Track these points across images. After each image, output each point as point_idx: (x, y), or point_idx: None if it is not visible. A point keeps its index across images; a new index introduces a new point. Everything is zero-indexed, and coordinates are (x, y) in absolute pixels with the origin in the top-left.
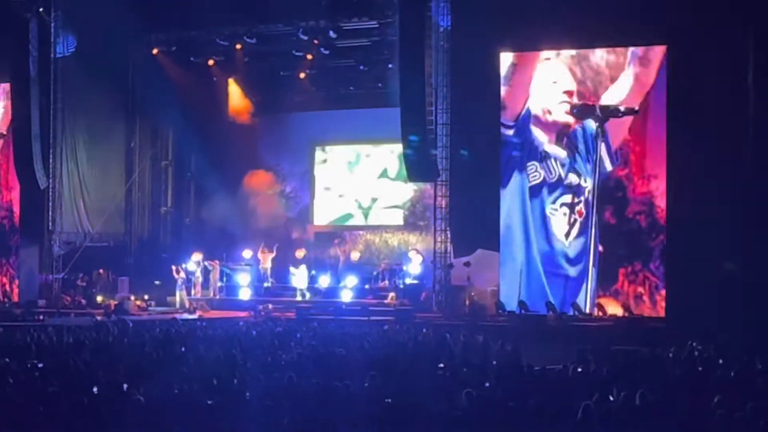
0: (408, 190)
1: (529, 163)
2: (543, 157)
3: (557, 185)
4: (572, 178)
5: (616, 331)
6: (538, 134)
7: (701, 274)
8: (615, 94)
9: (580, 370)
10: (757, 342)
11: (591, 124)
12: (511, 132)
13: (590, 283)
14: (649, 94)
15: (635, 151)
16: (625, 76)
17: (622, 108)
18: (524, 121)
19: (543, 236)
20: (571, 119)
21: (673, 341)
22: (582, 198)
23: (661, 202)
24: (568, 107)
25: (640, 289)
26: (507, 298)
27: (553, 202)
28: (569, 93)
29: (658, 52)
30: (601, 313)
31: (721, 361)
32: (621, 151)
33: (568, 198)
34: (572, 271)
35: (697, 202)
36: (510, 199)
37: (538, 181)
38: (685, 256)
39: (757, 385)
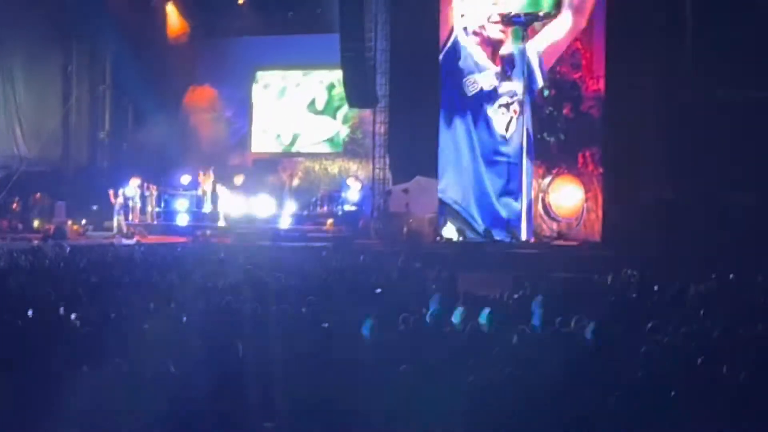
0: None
1: (467, 77)
2: (480, 71)
3: (494, 92)
4: (506, 86)
5: (554, 257)
6: (474, 50)
7: (637, 199)
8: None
9: (516, 296)
10: (692, 267)
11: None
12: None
13: (524, 169)
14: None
15: (585, 56)
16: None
17: (541, 13)
18: (454, 43)
19: (486, 132)
20: (503, 35)
21: (609, 267)
22: (515, 98)
23: None
24: (500, 24)
25: (600, 170)
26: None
27: (492, 105)
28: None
29: None
30: (536, 240)
31: (656, 288)
32: (573, 57)
33: (504, 100)
34: (513, 158)
35: (633, 129)
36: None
37: (476, 91)
38: (621, 180)
39: (690, 310)
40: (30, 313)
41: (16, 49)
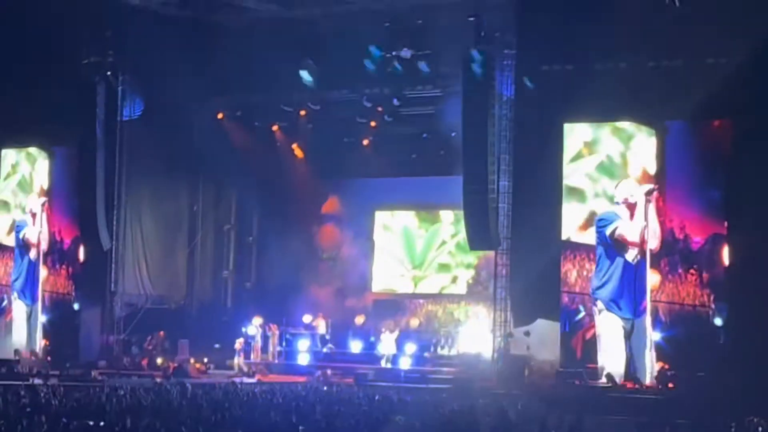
0: (470, 258)
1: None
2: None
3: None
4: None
5: (677, 404)
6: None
7: (763, 345)
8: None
9: None
10: None
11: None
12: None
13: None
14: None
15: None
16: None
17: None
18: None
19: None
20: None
21: (733, 415)
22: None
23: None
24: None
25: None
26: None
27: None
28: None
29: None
30: (660, 385)
31: None
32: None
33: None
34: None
35: (757, 286)
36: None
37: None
38: (747, 327)
39: None
40: None
41: (144, 187)
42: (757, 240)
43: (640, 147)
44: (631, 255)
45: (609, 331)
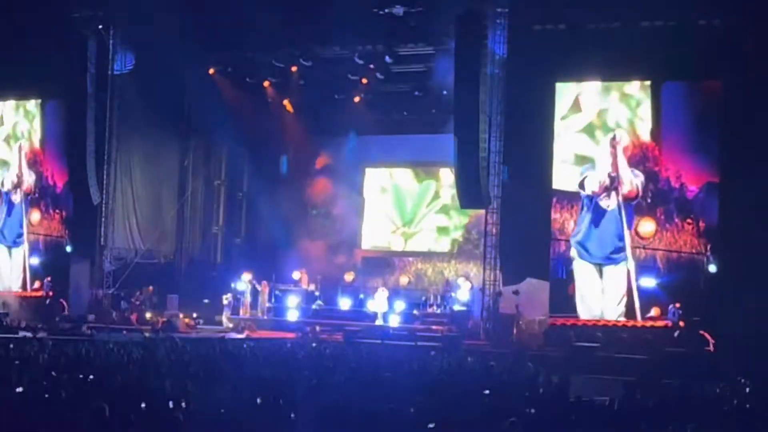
0: (459, 218)
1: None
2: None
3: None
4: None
5: (665, 364)
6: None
7: (752, 305)
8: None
9: (627, 402)
10: None
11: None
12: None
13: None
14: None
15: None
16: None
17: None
18: None
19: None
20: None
21: (722, 375)
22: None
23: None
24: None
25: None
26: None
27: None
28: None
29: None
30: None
31: None
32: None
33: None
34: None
35: (749, 235)
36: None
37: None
38: (733, 290)
39: None
40: (143, 405)
41: (135, 142)
42: (748, 190)
43: (636, 105)
44: (606, 202)
45: (583, 277)
